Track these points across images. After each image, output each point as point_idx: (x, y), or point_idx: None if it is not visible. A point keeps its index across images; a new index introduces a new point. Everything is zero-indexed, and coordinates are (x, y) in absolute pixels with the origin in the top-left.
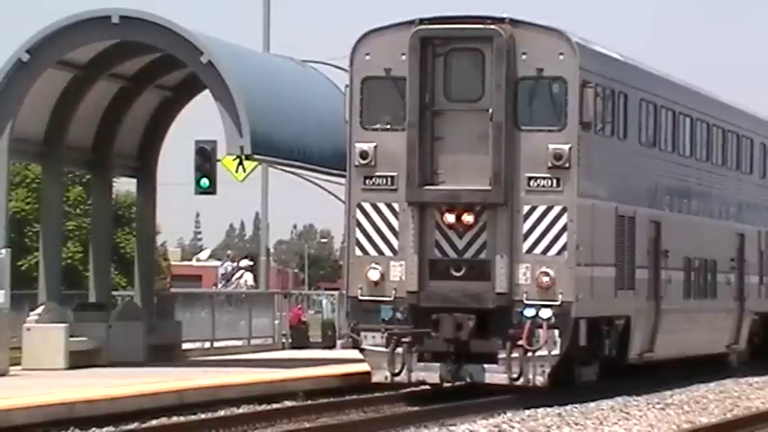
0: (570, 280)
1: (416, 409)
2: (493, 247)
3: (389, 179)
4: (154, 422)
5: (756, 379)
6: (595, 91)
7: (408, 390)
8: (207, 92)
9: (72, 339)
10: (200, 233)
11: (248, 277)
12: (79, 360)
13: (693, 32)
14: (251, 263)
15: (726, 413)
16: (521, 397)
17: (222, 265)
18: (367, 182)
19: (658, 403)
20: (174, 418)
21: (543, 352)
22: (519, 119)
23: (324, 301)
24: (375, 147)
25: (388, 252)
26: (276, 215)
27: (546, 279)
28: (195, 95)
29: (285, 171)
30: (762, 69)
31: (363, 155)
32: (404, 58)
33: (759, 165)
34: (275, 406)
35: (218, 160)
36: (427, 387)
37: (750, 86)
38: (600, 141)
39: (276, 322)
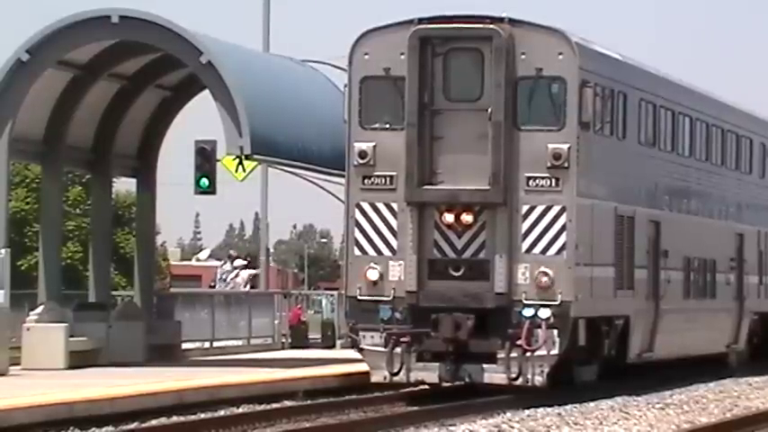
0: (569, 280)
1: (416, 408)
2: (492, 246)
3: (388, 179)
4: (153, 422)
5: (756, 379)
6: (595, 91)
7: (408, 390)
8: (207, 92)
9: (72, 339)
10: (199, 233)
11: (244, 274)
12: (79, 360)
13: (694, 33)
14: (244, 262)
15: (725, 413)
16: (520, 397)
17: (221, 266)
18: (366, 181)
19: (658, 403)
20: (174, 418)
21: (542, 352)
22: (518, 118)
23: (323, 301)
24: (374, 146)
25: (386, 252)
26: (276, 215)
27: (545, 279)
28: (195, 95)
29: (285, 171)
30: (762, 69)
31: (362, 154)
32: (403, 57)
33: (758, 165)
34: (275, 406)
35: (218, 160)
36: (426, 387)
37: (750, 86)
38: (599, 141)
39: (276, 322)
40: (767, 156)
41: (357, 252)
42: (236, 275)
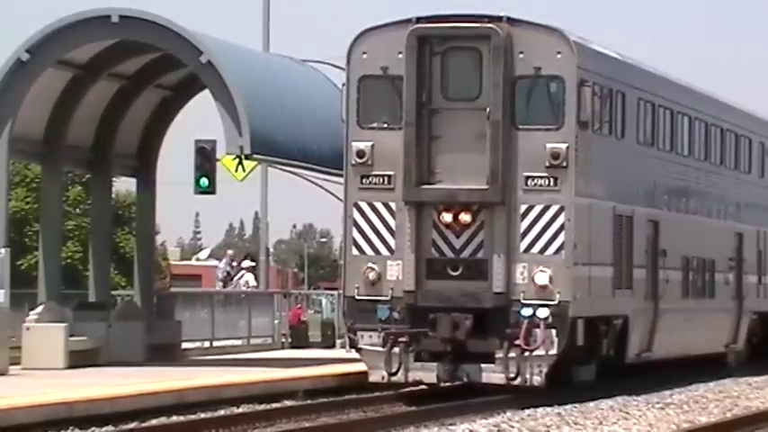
0: (568, 279)
1: (416, 408)
2: (490, 246)
3: (386, 178)
4: (153, 422)
5: (755, 378)
6: (593, 90)
7: (407, 389)
8: (207, 91)
9: (71, 339)
10: (199, 233)
11: (249, 278)
12: (79, 359)
13: (694, 33)
14: (252, 263)
15: (725, 413)
16: (520, 396)
17: (220, 265)
18: (364, 181)
19: (658, 403)
20: (174, 418)
21: (541, 352)
22: (516, 118)
23: (323, 301)
24: (372, 146)
25: (384, 251)
26: (276, 215)
27: (543, 278)
28: (195, 95)
29: (284, 171)
30: (761, 69)
31: (360, 154)
32: (401, 56)
33: (757, 164)
34: (275, 405)
35: (218, 160)
36: (425, 387)
37: (750, 86)
38: (598, 140)
39: (276, 322)
40: (766, 155)
41: (355, 252)
42: (242, 277)
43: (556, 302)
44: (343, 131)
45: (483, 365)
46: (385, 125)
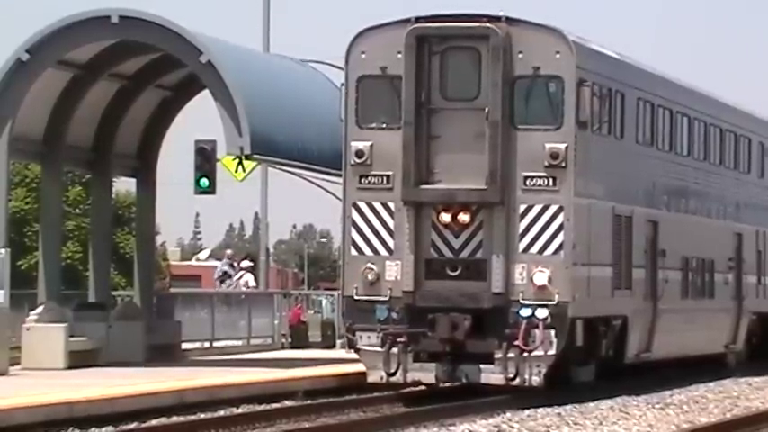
0: (567, 280)
1: (415, 408)
2: (489, 246)
3: (385, 178)
4: (153, 422)
5: (756, 379)
6: (592, 90)
7: (407, 390)
8: (207, 92)
9: (71, 339)
10: (199, 233)
11: (248, 278)
12: (78, 360)
13: (693, 32)
14: (251, 263)
15: (725, 413)
16: (520, 397)
17: (220, 266)
18: (362, 181)
19: (658, 403)
20: (174, 418)
21: (539, 352)
22: (515, 118)
23: (323, 301)
24: (371, 146)
25: (383, 251)
26: (276, 215)
27: (542, 279)
28: (195, 95)
29: (284, 171)
30: (761, 69)
31: (359, 154)
32: (400, 56)
33: (757, 164)
34: (275, 406)
35: (218, 160)
36: (424, 387)
37: (750, 86)
38: (597, 140)
39: (276, 322)
40: (765, 155)
41: (354, 252)
42: (241, 277)
43: (555, 303)
44: (342, 131)
45: (482, 366)
46: (384, 125)
